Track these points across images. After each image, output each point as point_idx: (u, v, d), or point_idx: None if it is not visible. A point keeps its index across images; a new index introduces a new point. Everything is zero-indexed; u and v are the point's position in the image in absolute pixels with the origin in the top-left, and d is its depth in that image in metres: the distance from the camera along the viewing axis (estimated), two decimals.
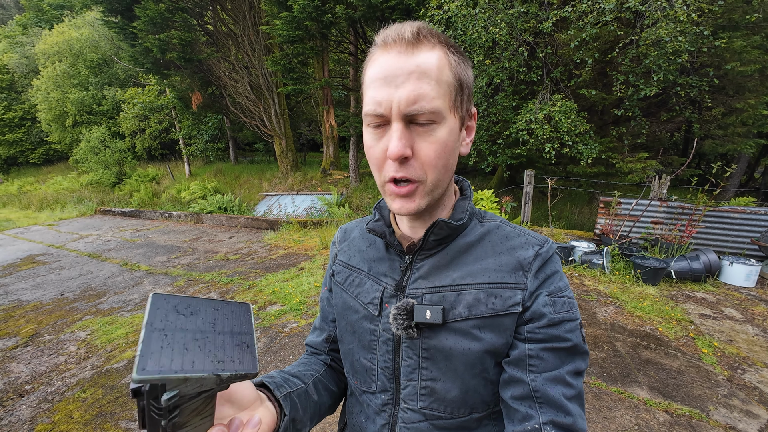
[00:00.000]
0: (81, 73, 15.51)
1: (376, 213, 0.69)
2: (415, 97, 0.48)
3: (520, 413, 0.52)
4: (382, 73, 0.49)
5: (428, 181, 0.52)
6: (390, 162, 0.51)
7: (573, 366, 0.53)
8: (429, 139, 0.50)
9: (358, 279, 0.69)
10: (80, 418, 2.37)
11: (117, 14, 9.40)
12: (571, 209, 7.45)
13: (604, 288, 3.98)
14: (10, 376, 2.92)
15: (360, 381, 0.67)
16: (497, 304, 0.55)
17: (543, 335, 0.53)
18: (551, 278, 0.57)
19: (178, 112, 13.29)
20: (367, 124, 0.52)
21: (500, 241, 0.60)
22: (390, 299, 0.63)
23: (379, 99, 0.49)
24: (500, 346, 0.56)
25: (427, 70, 0.48)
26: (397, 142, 0.48)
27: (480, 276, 0.57)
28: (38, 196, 13.94)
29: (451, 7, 4.77)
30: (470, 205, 0.63)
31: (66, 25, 16.62)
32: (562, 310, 0.54)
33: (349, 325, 0.68)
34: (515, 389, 0.54)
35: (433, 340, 0.58)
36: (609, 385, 2.45)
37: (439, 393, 0.59)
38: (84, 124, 15.41)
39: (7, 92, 18.80)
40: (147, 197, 11.92)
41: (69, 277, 5.40)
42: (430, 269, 0.61)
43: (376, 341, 0.63)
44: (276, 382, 0.62)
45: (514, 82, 5.36)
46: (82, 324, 3.79)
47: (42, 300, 4.55)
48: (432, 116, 0.49)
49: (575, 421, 0.50)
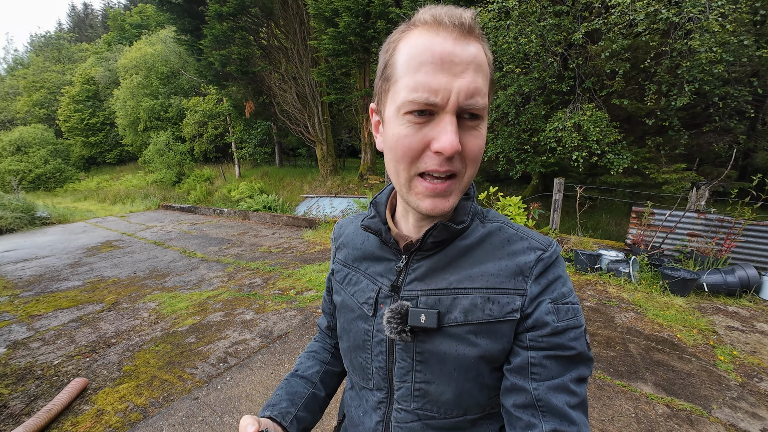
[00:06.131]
0: (153, 83, 17.50)
1: (372, 209, 0.66)
2: (474, 90, 0.46)
3: (522, 422, 0.51)
4: (437, 56, 0.45)
5: (465, 177, 0.51)
6: (431, 156, 0.48)
7: (577, 373, 0.52)
8: (475, 134, 0.49)
9: (355, 277, 0.68)
10: (155, 363, 2.93)
11: (187, 33, 10.70)
12: (608, 220, 7.29)
13: (627, 296, 4.00)
14: (99, 332, 3.59)
15: (359, 377, 0.67)
16: (494, 310, 0.54)
17: (546, 344, 0.52)
18: (554, 284, 0.54)
19: (233, 119, 14.56)
20: (407, 112, 0.47)
21: (501, 244, 0.58)
22: (385, 300, 0.62)
23: (435, 86, 0.45)
24: (496, 352, 0.55)
25: (481, 63, 0.47)
26: (453, 136, 0.45)
27: (478, 280, 0.56)
28: (113, 192, 15.86)
29: (483, 19, 5.05)
30: (473, 206, 0.61)
31: (143, 42, 18.86)
32: (566, 317, 0.52)
33: (346, 323, 0.68)
34: (517, 397, 0.52)
35: (428, 344, 0.57)
36: (614, 378, 2.58)
37: (432, 395, 0.58)
38: (152, 129, 17.32)
39: (93, 101, 21.60)
40: (202, 195, 13.14)
41: (139, 259, 6.27)
42: (427, 271, 0.59)
43: (369, 341, 0.63)
44: (282, 411, 0.68)
45: (546, 91, 5.48)
46: (151, 297, 4.48)
47: (119, 276, 5.37)
48: (481, 112, 0.48)
49: (579, 430, 0.49)
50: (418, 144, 0.48)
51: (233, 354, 3.05)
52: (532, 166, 5.99)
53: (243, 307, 4.04)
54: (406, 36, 0.48)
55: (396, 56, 0.49)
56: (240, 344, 3.21)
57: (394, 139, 0.50)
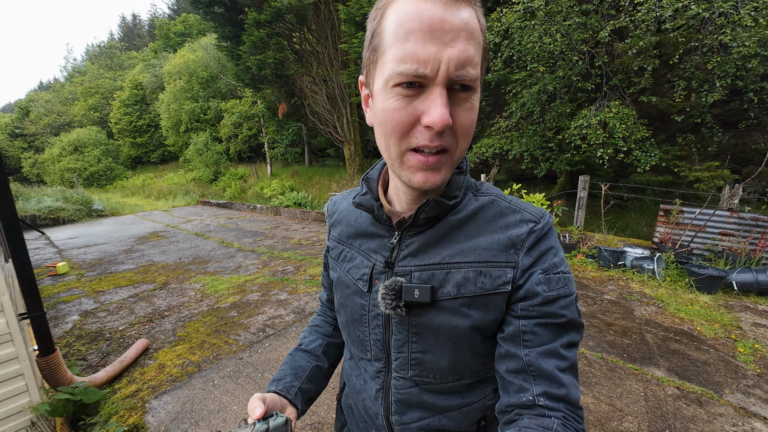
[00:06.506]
0: (194, 88, 18.68)
1: (364, 185, 0.66)
2: (465, 60, 0.43)
3: (515, 386, 0.53)
4: (425, 24, 0.42)
5: (457, 151, 0.50)
6: (421, 130, 0.46)
7: (567, 339, 0.53)
8: (467, 107, 0.47)
9: (350, 254, 0.69)
10: (204, 331, 3.34)
11: (228, 40, 11.46)
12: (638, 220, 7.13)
13: (650, 291, 4.00)
14: (154, 306, 4.07)
15: (357, 349, 0.69)
16: (486, 283, 0.55)
17: (537, 312, 0.53)
18: (546, 255, 0.55)
19: (266, 120, 15.30)
20: (395, 84, 0.46)
21: (494, 217, 0.58)
22: (379, 275, 0.62)
23: (424, 57, 0.42)
24: (489, 322, 0.56)
25: (473, 29, 0.44)
26: (444, 110, 0.44)
27: (470, 254, 0.56)
28: (156, 188, 17.08)
29: (508, 19, 5.18)
30: (466, 180, 0.61)
31: (186, 49, 20.17)
32: (557, 287, 0.53)
33: (342, 298, 0.69)
34: (510, 363, 0.54)
35: (422, 318, 0.58)
36: (626, 363, 2.67)
37: (428, 363, 0.60)
38: (193, 130, 18.48)
39: (140, 104, 23.32)
40: (236, 192, 13.92)
41: (183, 248, 6.85)
42: (420, 246, 0.59)
43: (366, 316, 0.64)
44: (287, 385, 0.71)
45: (572, 89, 5.51)
46: (195, 279, 4.96)
47: (167, 262, 5.93)
48: (473, 83, 0.46)
49: (569, 392, 0.50)
50: (408, 118, 0.46)
51: (270, 326, 3.40)
52: (558, 164, 6.01)
53: (277, 289, 4.41)
54: (393, 2, 0.45)
55: (383, 24, 0.46)
56: (276, 318, 3.56)
57: (384, 114, 0.48)
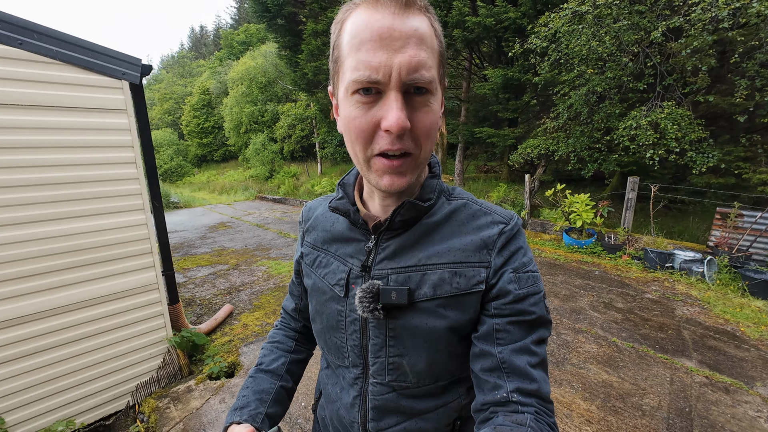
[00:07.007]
0: (253, 92, 20.31)
1: (340, 190, 0.67)
2: (416, 64, 0.45)
3: (489, 384, 0.54)
4: (375, 34, 0.44)
5: (421, 154, 0.51)
6: (383, 135, 0.48)
7: (537, 335, 0.55)
8: (425, 110, 0.49)
9: (325, 260, 0.68)
10: (274, 302, 3.97)
11: (287, 49, 12.51)
12: (698, 224, 6.78)
13: (697, 294, 3.96)
14: (230, 282, 4.82)
15: (334, 356, 0.68)
16: (461, 283, 0.56)
17: (509, 310, 0.55)
18: (515, 255, 0.57)
19: (318, 122, 16.29)
20: (353, 92, 0.47)
21: (466, 219, 0.60)
22: (356, 280, 0.63)
23: (376, 64, 0.44)
24: (464, 322, 0.58)
25: (424, 35, 0.46)
26: (399, 113, 0.45)
27: (445, 256, 0.58)
28: (219, 184, 18.87)
29: (555, 24, 5.29)
30: (439, 183, 0.62)
31: (247, 57, 21.95)
32: (527, 285, 0.56)
33: (318, 305, 0.69)
34: (484, 362, 0.55)
35: (400, 320, 0.59)
36: (657, 353, 2.81)
37: (405, 367, 0.60)
38: (252, 132, 20.11)
39: (207, 108, 25.76)
40: (289, 189, 15.01)
41: (247, 237, 7.75)
42: (396, 249, 0.60)
43: (343, 321, 0.64)
44: (252, 413, 0.68)
45: (623, 90, 5.47)
46: (261, 263, 5.71)
47: (235, 247, 6.81)
48: (429, 86, 0.47)
49: (540, 387, 0.52)
50: (368, 125, 0.48)
51: None
52: (606, 165, 5.96)
53: None
54: (349, 15, 0.48)
55: (341, 37, 0.49)
56: None
57: (347, 121, 0.50)
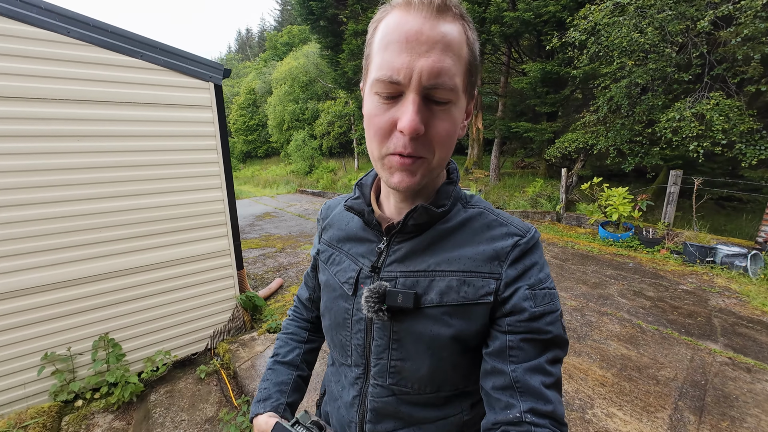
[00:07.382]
0: (295, 91, 21.30)
1: (357, 190, 0.67)
2: (438, 70, 0.45)
3: (501, 402, 0.53)
4: (402, 36, 0.45)
5: (434, 160, 0.51)
6: (398, 135, 0.48)
7: (552, 355, 0.54)
8: (443, 117, 0.49)
9: (339, 257, 0.70)
10: None
11: (329, 49, 13.12)
12: (750, 221, 6.42)
13: (737, 287, 3.89)
14: (278, 262, 5.37)
15: (339, 354, 0.69)
16: (469, 293, 0.56)
17: (524, 328, 0.54)
18: (531, 270, 0.56)
19: (356, 119, 16.84)
20: (376, 92, 0.49)
21: (481, 229, 0.59)
22: (365, 280, 0.63)
23: (398, 65, 0.45)
24: (470, 333, 0.57)
25: (452, 42, 0.46)
26: (414, 116, 0.46)
27: (455, 263, 0.57)
28: (263, 178, 20.06)
29: (596, 17, 5.27)
30: (455, 190, 0.62)
31: (290, 57, 23.02)
32: (543, 302, 0.54)
33: (328, 302, 0.70)
34: (496, 380, 0.54)
35: (404, 324, 0.59)
36: (681, 335, 2.90)
37: (407, 372, 0.60)
38: (293, 129, 21.13)
39: (252, 107, 27.32)
40: (328, 183, 15.71)
41: (290, 225, 8.39)
42: (407, 253, 0.60)
43: (349, 320, 0.65)
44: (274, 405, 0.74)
45: (668, 81, 5.34)
46: (304, 247, 6.24)
47: (280, 234, 7.43)
48: (450, 94, 0.47)
49: (555, 408, 0.51)
50: (386, 123, 0.49)
51: None
52: (648, 159, 5.84)
53: None
54: (384, 16, 0.49)
55: (374, 36, 0.50)
56: None
57: (368, 117, 0.51)
